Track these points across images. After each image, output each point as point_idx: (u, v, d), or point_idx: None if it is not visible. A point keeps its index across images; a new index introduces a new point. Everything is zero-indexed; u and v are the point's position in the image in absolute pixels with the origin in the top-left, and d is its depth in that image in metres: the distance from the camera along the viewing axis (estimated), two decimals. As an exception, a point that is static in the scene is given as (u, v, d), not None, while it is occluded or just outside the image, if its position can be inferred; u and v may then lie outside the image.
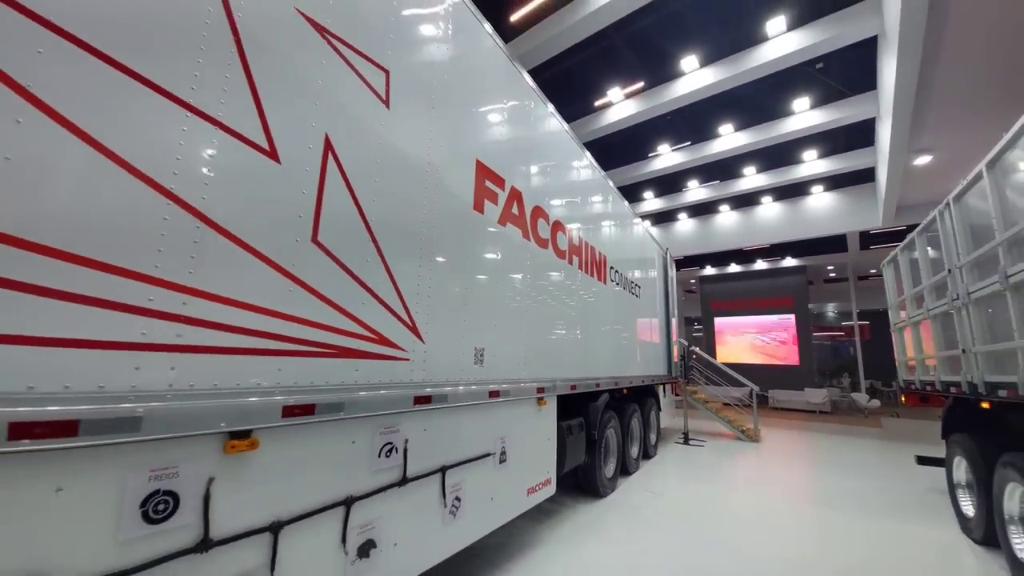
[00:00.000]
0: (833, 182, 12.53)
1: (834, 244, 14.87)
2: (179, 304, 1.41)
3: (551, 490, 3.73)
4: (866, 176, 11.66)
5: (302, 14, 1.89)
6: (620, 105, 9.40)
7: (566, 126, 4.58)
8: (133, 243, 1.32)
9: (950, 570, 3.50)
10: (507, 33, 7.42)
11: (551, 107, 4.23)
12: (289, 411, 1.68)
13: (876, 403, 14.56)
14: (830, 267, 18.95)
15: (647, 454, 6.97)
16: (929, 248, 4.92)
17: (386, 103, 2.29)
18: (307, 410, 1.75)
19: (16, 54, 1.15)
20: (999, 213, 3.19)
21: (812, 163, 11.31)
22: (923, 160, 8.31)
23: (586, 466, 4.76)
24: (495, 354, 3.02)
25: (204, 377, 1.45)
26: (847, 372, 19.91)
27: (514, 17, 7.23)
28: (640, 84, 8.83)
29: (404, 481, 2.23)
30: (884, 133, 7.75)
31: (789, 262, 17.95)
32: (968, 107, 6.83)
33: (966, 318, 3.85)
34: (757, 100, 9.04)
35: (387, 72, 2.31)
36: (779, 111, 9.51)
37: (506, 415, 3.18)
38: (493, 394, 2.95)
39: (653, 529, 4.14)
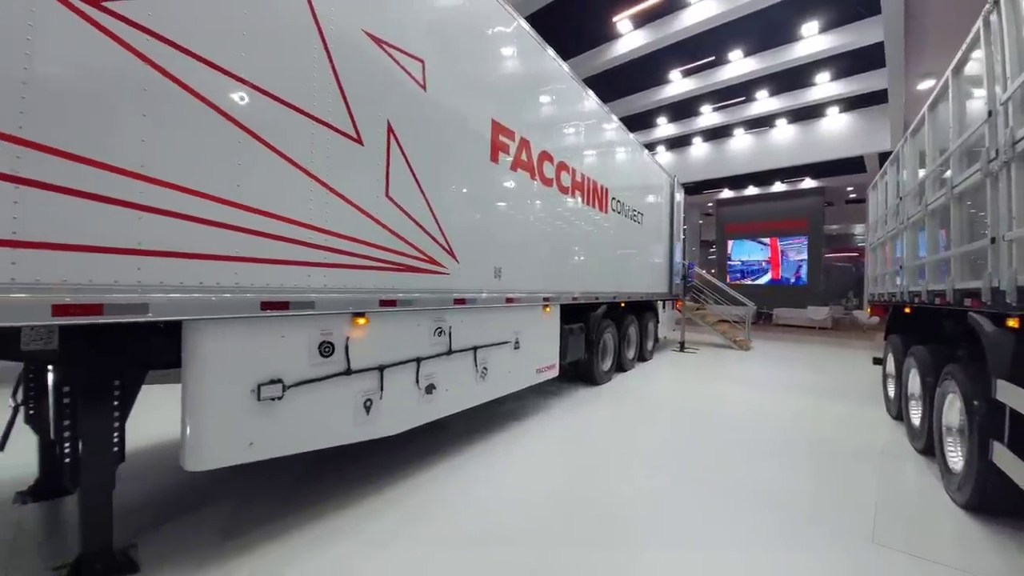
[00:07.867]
0: (849, 103, 12.30)
1: (853, 165, 14.80)
2: (322, 242, 2.44)
3: (555, 372, 4.96)
4: (882, 97, 11.42)
5: (365, 32, 2.69)
6: (629, 36, 9.39)
7: (568, 68, 5.15)
8: (297, 209, 2.33)
9: (865, 431, 4.64)
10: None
11: (551, 50, 4.78)
12: (383, 303, 2.79)
13: (875, 319, 15.37)
14: (850, 188, 18.79)
15: (643, 358, 8.23)
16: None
17: (423, 86, 3.11)
18: (391, 303, 2.85)
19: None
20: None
21: (825, 86, 11.19)
22: (926, 84, 8.25)
23: (585, 360, 5.98)
24: (510, 271, 4.05)
25: (339, 281, 2.53)
26: (852, 292, 20.52)
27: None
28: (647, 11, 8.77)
29: (450, 352, 3.40)
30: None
31: (808, 183, 17.89)
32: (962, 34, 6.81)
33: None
34: (767, 25, 8.87)
35: (422, 61, 3.10)
36: (790, 36, 9.35)
37: (519, 316, 4.30)
38: (509, 300, 4.04)
39: (634, 401, 5.45)
